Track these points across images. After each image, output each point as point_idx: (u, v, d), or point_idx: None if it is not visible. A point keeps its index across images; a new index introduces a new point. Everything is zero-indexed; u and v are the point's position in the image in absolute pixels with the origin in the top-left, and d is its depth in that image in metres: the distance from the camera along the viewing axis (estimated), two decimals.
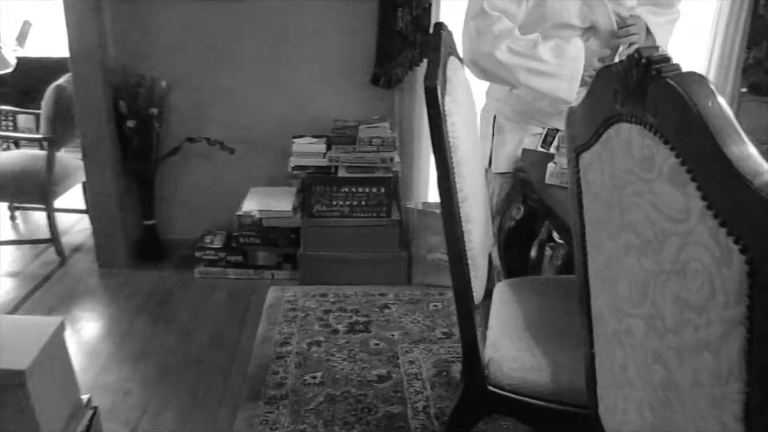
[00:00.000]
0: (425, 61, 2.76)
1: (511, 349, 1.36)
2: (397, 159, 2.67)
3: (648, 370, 0.76)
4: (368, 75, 2.78)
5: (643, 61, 0.63)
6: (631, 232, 0.74)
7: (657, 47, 0.64)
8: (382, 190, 2.67)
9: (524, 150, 1.82)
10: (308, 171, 2.68)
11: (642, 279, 0.73)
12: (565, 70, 1.67)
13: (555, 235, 2.31)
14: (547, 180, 1.60)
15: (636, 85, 0.65)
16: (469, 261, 1.32)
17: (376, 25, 2.72)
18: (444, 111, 1.23)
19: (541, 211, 1.75)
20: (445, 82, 1.27)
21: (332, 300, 2.58)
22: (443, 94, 1.24)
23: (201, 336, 2.34)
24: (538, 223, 1.85)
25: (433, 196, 2.95)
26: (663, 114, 0.61)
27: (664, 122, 0.61)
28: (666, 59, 0.61)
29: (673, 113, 0.59)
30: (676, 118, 0.59)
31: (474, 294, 1.35)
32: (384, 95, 2.83)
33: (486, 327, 1.52)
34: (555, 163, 1.59)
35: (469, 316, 1.35)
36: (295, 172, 2.70)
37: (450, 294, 2.62)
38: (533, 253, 1.96)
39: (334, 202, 2.68)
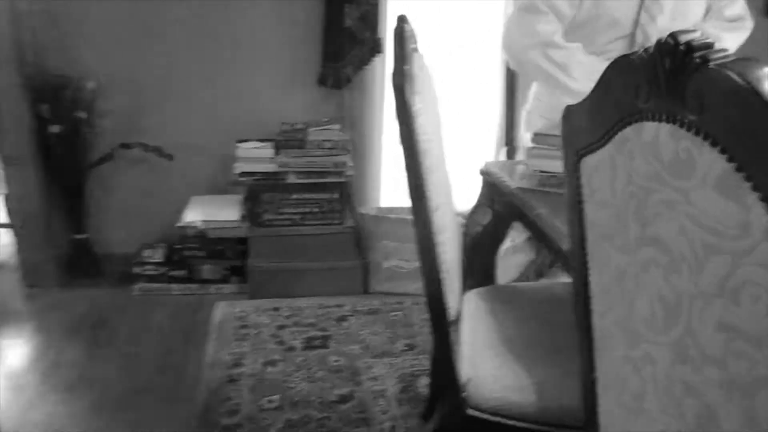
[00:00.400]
0: (375, 60, 2.67)
1: (489, 367, 1.26)
2: (350, 163, 2.54)
3: (676, 404, 0.66)
4: (316, 75, 2.65)
5: (681, 47, 0.53)
6: (656, 247, 0.64)
7: (693, 30, 0.54)
8: (335, 195, 2.54)
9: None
10: (255, 177, 2.52)
11: (671, 301, 0.63)
12: (583, 88, 1.62)
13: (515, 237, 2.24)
14: (517, 183, 1.51)
15: (670, 77, 0.55)
16: (443, 275, 1.22)
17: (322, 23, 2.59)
18: (413, 111, 1.12)
19: (508, 216, 1.66)
20: (412, 79, 1.16)
21: (286, 314, 2.43)
22: (411, 93, 1.13)
23: (143, 360, 2.15)
24: (504, 228, 1.76)
25: (388, 200, 2.84)
26: (711, 111, 0.51)
27: (713, 121, 0.51)
28: (709, 45, 0.52)
29: (729, 110, 0.49)
30: (734, 116, 0.49)
31: (449, 310, 1.25)
32: (333, 96, 2.71)
33: (458, 342, 1.42)
34: (525, 165, 1.50)
35: (446, 335, 1.24)
36: (241, 178, 2.54)
37: (409, 302, 2.53)
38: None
39: (284, 210, 2.53)
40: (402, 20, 1.28)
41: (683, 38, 0.53)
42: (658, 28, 1.65)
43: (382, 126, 2.76)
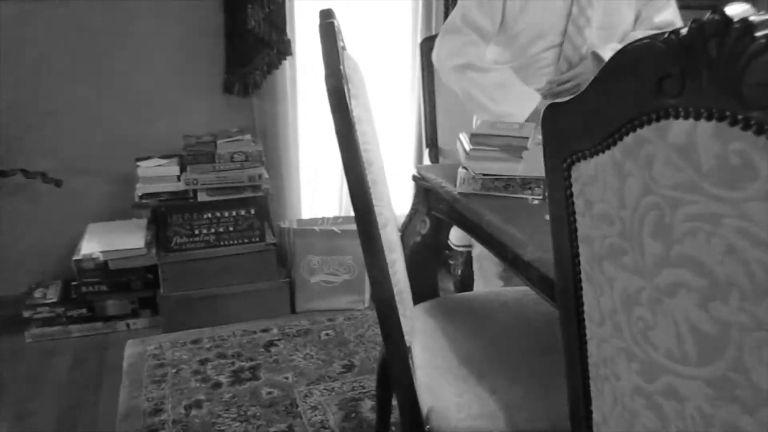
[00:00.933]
0: (284, 63, 2.49)
1: (452, 394, 1.15)
2: (265, 175, 2.35)
3: None
4: (221, 82, 2.44)
5: (736, 25, 0.42)
6: (688, 269, 0.54)
7: (742, 1, 0.45)
8: (252, 211, 2.34)
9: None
10: (160, 198, 2.28)
11: (710, 331, 0.53)
12: (503, 111, 1.67)
13: (450, 242, 2.15)
14: (458, 188, 1.40)
15: (718, 64, 0.44)
16: (396, 297, 1.08)
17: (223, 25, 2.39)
18: (353, 118, 0.98)
19: (447, 223, 1.56)
20: (347, 81, 1.02)
21: (207, 346, 2.21)
22: (349, 97, 0.99)
23: (43, 419, 1.87)
24: (445, 235, 1.66)
25: (310, 211, 2.67)
26: None
27: None
28: None
29: None
30: None
31: (405, 336, 1.12)
32: (241, 104, 2.51)
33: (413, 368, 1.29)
34: (465, 168, 1.40)
35: (405, 364, 1.11)
36: (143, 201, 2.29)
37: (341, 318, 2.39)
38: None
39: (197, 231, 2.31)
40: (327, 15, 1.13)
41: (734, 13, 0.43)
42: (585, 39, 1.64)
43: (296, 133, 2.59)
